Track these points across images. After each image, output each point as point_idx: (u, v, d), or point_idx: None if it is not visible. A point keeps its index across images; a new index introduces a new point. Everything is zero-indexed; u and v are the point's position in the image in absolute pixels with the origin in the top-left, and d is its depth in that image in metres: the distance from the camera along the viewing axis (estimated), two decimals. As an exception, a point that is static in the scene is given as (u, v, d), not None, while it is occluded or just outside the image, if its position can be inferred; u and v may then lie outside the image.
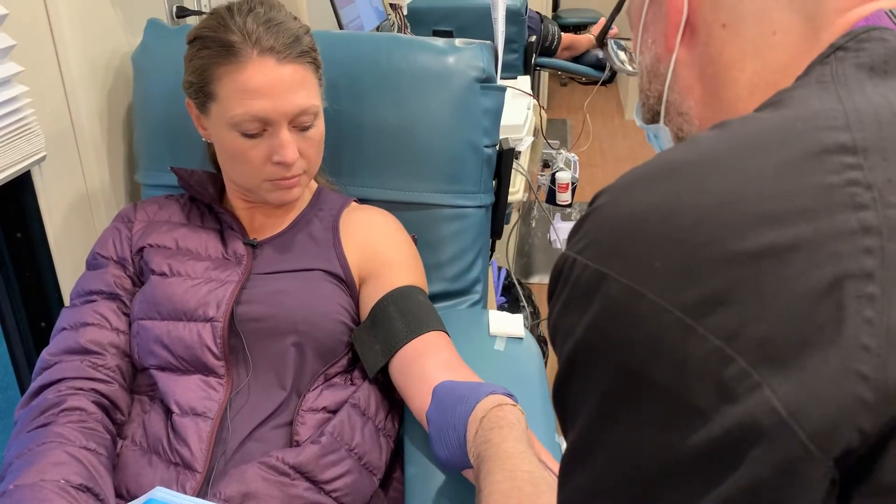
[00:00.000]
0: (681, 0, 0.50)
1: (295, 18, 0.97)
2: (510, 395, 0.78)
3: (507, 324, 1.06)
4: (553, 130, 4.22)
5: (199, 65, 0.92)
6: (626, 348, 0.35)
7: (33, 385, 0.91)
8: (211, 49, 0.91)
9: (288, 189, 0.97)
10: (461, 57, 1.13)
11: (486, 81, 1.13)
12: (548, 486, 0.66)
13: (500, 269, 2.19)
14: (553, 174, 2.25)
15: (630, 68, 0.67)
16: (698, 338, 0.33)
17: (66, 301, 1.09)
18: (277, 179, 0.95)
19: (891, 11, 0.44)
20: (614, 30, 2.82)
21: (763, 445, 0.32)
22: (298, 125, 0.93)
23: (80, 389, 0.89)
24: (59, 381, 0.89)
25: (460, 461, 0.76)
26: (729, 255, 0.33)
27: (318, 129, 0.96)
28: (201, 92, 0.94)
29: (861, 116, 0.36)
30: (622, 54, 0.67)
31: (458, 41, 1.15)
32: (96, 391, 0.90)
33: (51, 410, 0.86)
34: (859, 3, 0.44)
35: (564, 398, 0.40)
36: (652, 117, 0.58)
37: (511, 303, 2.17)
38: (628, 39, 0.65)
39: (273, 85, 0.90)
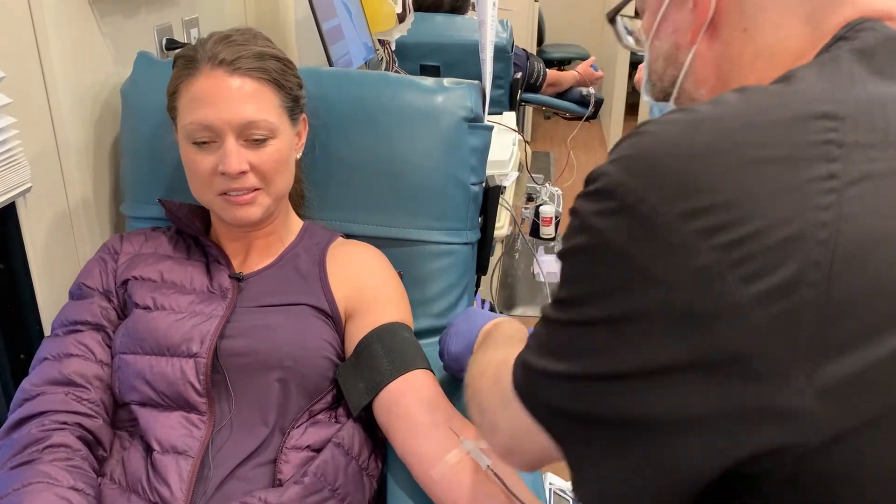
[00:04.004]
0: (709, 2, 0.58)
1: (275, 49, 0.99)
2: None
3: (492, 361, 1.06)
4: (537, 163, 4.26)
5: (169, 83, 0.97)
6: (620, 233, 0.46)
7: (13, 416, 0.89)
8: (178, 67, 0.96)
9: (241, 206, 0.95)
10: (449, 96, 1.14)
11: (473, 121, 1.15)
12: None
13: (483, 301, 2.19)
14: (537, 208, 2.27)
15: (638, 48, 0.74)
16: (684, 235, 0.43)
17: (47, 333, 1.08)
18: (228, 194, 0.94)
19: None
20: (599, 72, 2.84)
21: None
22: (248, 138, 0.93)
23: (65, 423, 0.87)
24: (42, 413, 0.87)
25: (466, 361, 0.85)
26: (723, 181, 0.44)
27: (276, 147, 0.95)
28: (172, 109, 0.98)
29: (843, 94, 0.47)
30: (630, 38, 0.74)
31: (446, 81, 1.17)
32: (81, 426, 0.88)
33: (34, 447, 0.84)
34: (851, 16, 0.53)
35: (565, 263, 0.51)
36: (663, 97, 0.66)
37: (494, 336, 2.16)
38: (631, 17, 0.74)
39: (219, 93, 0.92)
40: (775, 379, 0.42)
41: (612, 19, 0.73)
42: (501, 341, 0.82)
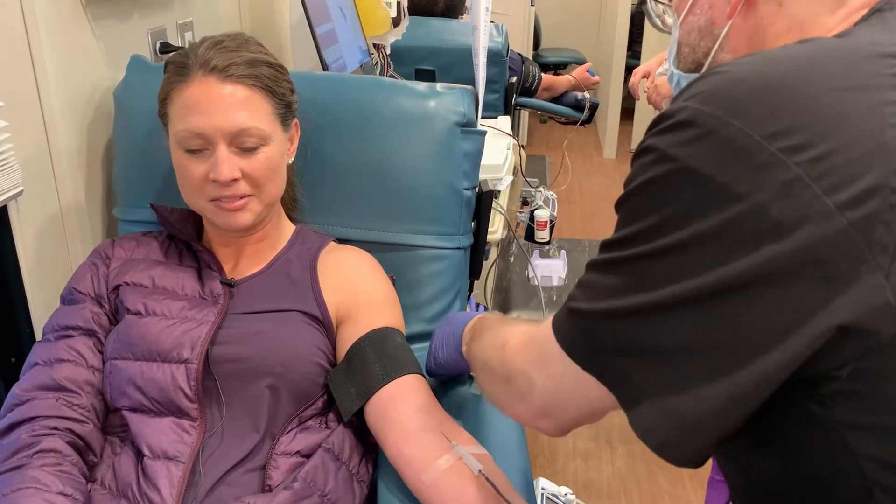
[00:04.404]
0: None
1: (267, 54, 0.99)
2: None
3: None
4: (532, 167, 4.26)
5: (161, 89, 0.96)
6: (702, 157, 0.48)
7: (3, 422, 0.88)
8: (169, 72, 0.95)
9: (232, 212, 0.94)
10: (442, 101, 1.14)
11: (466, 126, 1.15)
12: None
13: (477, 305, 2.19)
14: (532, 212, 2.27)
15: (664, 29, 0.79)
16: (769, 154, 0.46)
17: (39, 337, 1.07)
18: (219, 200, 0.94)
19: None
20: (595, 77, 2.85)
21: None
22: (240, 146, 0.93)
23: (55, 429, 0.87)
24: (32, 419, 0.87)
25: (455, 362, 0.94)
26: (804, 105, 0.47)
27: (268, 154, 0.95)
28: (163, 115, 0.97)
29: None
30: (657, 19, 0.80)
31: (439, 86, 1.17)
32: (71, 431, 0.88)
33: (24, 452, 0.84)
34: None
35: (630, 202, 0.53)
36: (695, 68, 0.71)
37: (489, 340, 2.16)
38: (661, 2, 0.81)
39: (211, 101, 0.91)
40: (855, 277, 0.45)
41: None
42: (502, 322, 0.81)
